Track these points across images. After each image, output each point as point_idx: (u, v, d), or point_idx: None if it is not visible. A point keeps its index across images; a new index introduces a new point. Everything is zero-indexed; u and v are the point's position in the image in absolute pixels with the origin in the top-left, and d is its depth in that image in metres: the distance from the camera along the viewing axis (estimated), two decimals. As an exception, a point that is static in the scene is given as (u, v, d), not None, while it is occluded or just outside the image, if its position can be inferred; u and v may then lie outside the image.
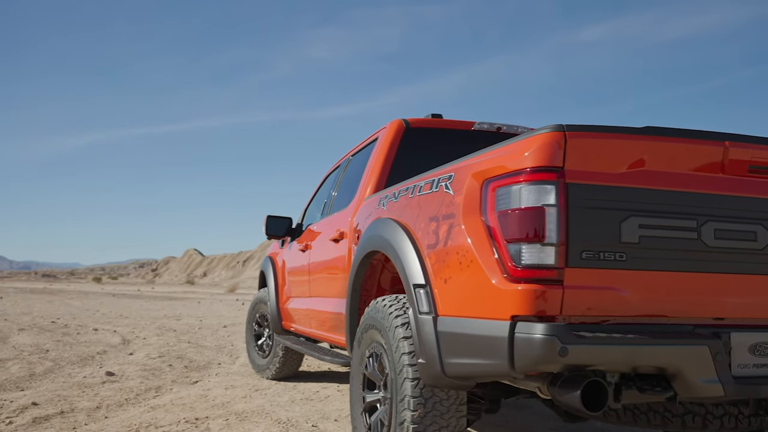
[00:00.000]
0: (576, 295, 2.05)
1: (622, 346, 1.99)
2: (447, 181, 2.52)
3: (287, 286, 5.45)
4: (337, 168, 5.05)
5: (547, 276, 2.04)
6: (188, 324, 12.71)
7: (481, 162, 2.35)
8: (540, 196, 2.05)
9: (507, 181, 2.15)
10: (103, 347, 8.19)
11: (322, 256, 4.35)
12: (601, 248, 2.07)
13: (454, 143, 3.94)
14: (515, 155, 2.15)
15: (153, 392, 5.32)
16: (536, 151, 2.08)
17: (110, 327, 11.48)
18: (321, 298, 4.35)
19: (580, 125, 2.10)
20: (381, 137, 3.94)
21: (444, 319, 2.41)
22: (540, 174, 2.06)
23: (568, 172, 2.07)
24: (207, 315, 16.24)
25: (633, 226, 2.09)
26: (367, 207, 3.50)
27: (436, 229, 2.52)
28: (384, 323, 2.81)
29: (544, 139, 2.08)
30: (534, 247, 2.04)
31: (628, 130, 2.15)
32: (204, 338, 9.86)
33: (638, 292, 2.11)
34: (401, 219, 2.89)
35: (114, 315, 15.25)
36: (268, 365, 5.94)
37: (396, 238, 2.79)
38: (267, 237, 5.43)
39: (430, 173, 2.76)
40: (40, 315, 14.29)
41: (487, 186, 2.25)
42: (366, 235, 3.22)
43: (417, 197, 2.79)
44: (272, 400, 5.02)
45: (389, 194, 3.18)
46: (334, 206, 4.50)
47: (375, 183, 3.74)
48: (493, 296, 2.14)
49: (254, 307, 6.36)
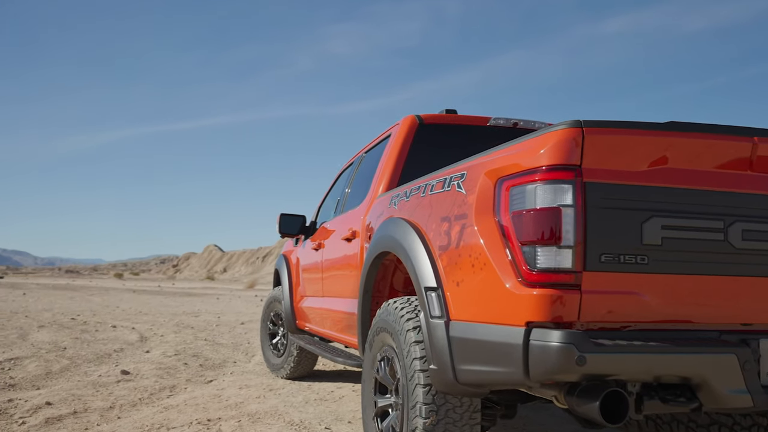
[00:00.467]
0: (595, 300, 1.94)
1: (643, 354, 1.89)
2: (459, 180, 2.43)
3: (301, 285, 5.39)
4: (350, 165, 4.97)
5: (564, 280, 1.93)
6: (206, 321, 12.74)
7: (494, 160, 2.25)
8: (556, 195, 1.95)
9: (521, 180, 2.05)
10: (120, 345, 8.21)
11: (334, 255, 4.27)
12: (622, 251, 1.96)
13: (469, 139, 3.84)
14: (530, 153, 2.05)
15: (167, 392, 5.29)
16: (552, 149, 1.97)
17: (129, 324, 11.54)
18: (334, 298, 4.27)
19: (598, 121, 1.99)
20: (394, 134, 3.85)
21: (456, 323, 2.31)
22: (556, 173, 1.96)
23: (585, 170, 1.96)
24: (225, 311, 16.29)
25: (655, 227, 1.97)
26: (379, 206, 3.41)
27: (448, 229, 2.43)
28: (395, 326, 2.72)
29: (561, 136, 1.97)
30: (550, 249, 1.94)
31: (649, 126, 2.03)
32: (221, 335, 9.86)
33: (661, 297, 2.00)
34: (413, 219, 2.80)
35: (133, 311, 15.35)
36: (282, 364, 5.89)
37: (407, 238, 2.70)
38: (280, 235, 5.37)
39: (442, 171, 2.66)
40: (60, 312, 14.42)
41: (500, 185, 2.15)
42: (377, 235, 3.13)
43: (429, 196, 2.69)
44: (286, 400, 4.97)
45: (401, 193, 3.09)
46: (347, 204, 4.42)
47: (387, 181, 3.65)
48: (507, 301, 2.04)
49: (269, 306, 6.31)
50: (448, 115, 3.90)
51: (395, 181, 3.63)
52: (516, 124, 3.96)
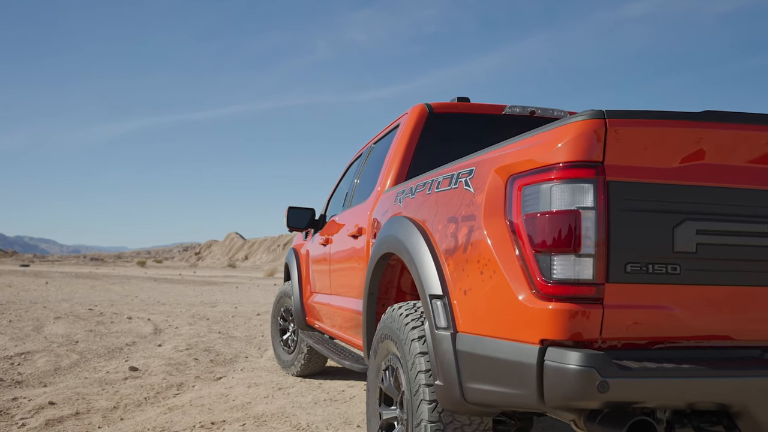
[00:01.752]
0: (619, 315, 1.71)
1: (675, 379, 1.65)
2: (467, 177, 2.19)
3: (310, 281, 5.20)
4: (360, 156, 4.74)
5: (584, 293, 1.70)
6: (222, 312, 12.67)
7: (505, 155, 2.01)
8: (575, 196, 1.71)
9: (535, 178, 1.81)
10: (133, 338, 8.12)
11: (341, 252, 4.07)
12: (650, 259, 1.72)
13: (483, 129, 3.59)
14: (545, 147, 1.81)
15: (174, 390, 5.15)
16: (571, 143, 1.73)
17: (145, 315, 11.49)
18: (341, 296, 4.07)
19: (623, 111, 1.75)
20: (402, 124, 3.61)
21: (464, 336, 2.09)
22: (575, 170, 1.72)
23: (608, 167, 1.72)
24: (242, 301, 16.23)
25: (689, 232, 1.73)
26: (385, 201, 3.19)
27: (455, 231, 2.20)
28: (399, 335, 2.51)
29: (581, 129, 1.73)
30: (568, 258, 1.71)
31: (681, 116, 1.78)
32: (235, 327, 9.75)
33: (695, 312, 1.76)
34: (418, 218, 2.57)
35: (151, 301, 15.35)
36: (293, 362, 5.72)
37: (411, 240, 2.48)
38: (288, 230, 5.18)
39: (449, 167, 2.43)
40: (79, 302, 14.46)
41: (512, 184, 1.92)
42: (381, 234, 2.91)
43: (435, 194, 2.46)
44: (294, 400, 4.80)
45: (406, 189, 2.86)
46: (355, 198, 4.21)
47: (395, 175, 3.42)
48: (519, 315, 1.82)
49: (279, 301, 6.14)
50: (460, 104, 3.65)
51: (403, 175, 3.40)
52: (533, 113, 3.70)
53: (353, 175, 4.67)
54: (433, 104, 3.58)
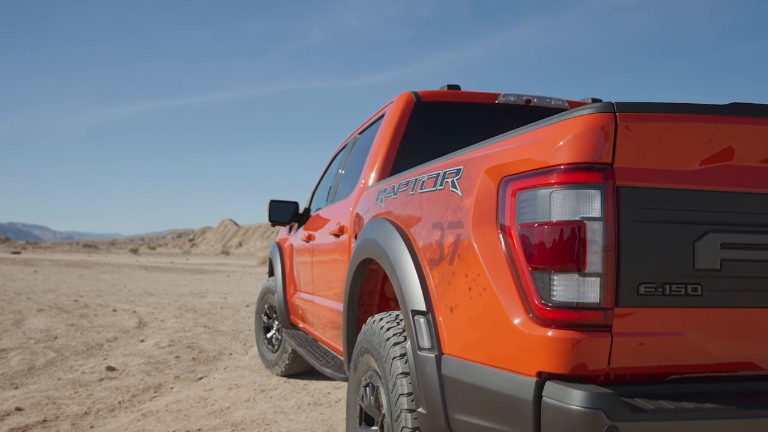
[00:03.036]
0: (630, 345, 1.46)
1: (698, 421, 1.39)
2: (454, 178, 1.92)
3: (294, 278, 4.94)
4: (344, 147, 4.46)
5: (589, 319, 1.44)
6: (211, 303, 12.41)
7: (497, 153, 1.74)
8: (579, 205, 1.45)
9: (532, 181, 1.55)
10: (115, 333, 7.87)
11: (323, 251, 3.80)
12: (667, 279, 1.46)
13: (475, 120, 3.32)
14: (544, 146, 1.54)
15: (151, 392, 4.90)
16: (574, 141, 1.47)
17: (131, 307, 11.23)
18: (323, 297, 3.81)
19: (637, 104, 1.48)
20: (387, 114, 3.33)
21: (450, 360, 1.83)
22: (579, 174, 1.45)
23: (619, 170, 1.46)
24: (233, 291, 15.99)
25: (712, 247, 1.47)
26: (368, 199, 2.92)
27: (441, 239, 1.93)
28: (380, 351, 2.26)
29: (586, 124, 1.46)
30: (570, 278, 1.45)
31: (705, 110, 1.52)
32: (223, 320, 9.51)
33: (719, 338, 1.51)
34: (400, 221, 2.30)
35: (140, 292, 15.09)
36: (277, 361, 5.48)
37: (392, 246, 2.21)
38: (271, 224, 4.90)
39: (434, 165, 2.16)
40: (65, 292, 14.18)
41: (505, 187, 1.65)
42: (361, 237, 2.65)
43: (418, 195, 2.19)
44: (277, 405, 4.55)
45: (388, 187, 2.59)
46: (338, 193, 3.94)
47: (379, 169, 3.14)
48: (513, 341, 1.56)
49: (263, 297, 5.89)
50: (449, 92, 3.36)
51: (387, 169, 3.13)
52: (529, 102, 3.43)
53: (337, 167, 4.40)
54: (420, 92, 3.30)
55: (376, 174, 3.14)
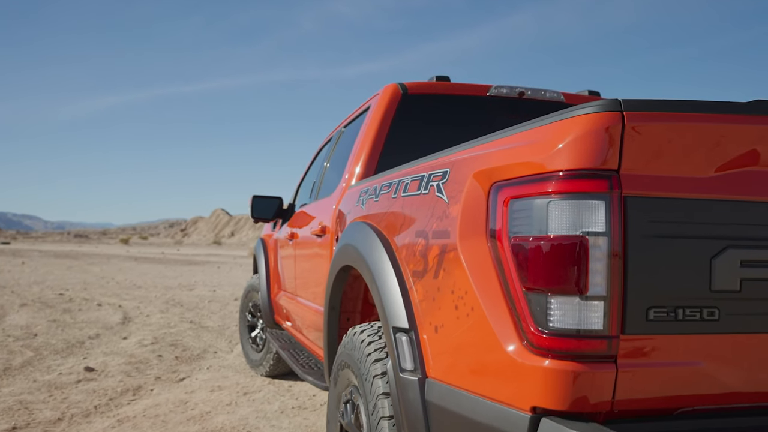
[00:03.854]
0: (637, 377, 1.28)
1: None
2: (440, 181, 1.73)
3: (278, 276, 4.75)
4: (329, 141, 4.26)
5: (592, 349, 1.26)
6: (199, 296, 12.21)
7: (487, 155, 1.54)
8: (580, 217, 1.26)
9: (527, 189, 1.36)
10: (98, 329, 7.67)
11: (305, 252, 3.61)
12: (680, 302, 1.28)
13: (465, 113, 3.13)
14: (541, 148, 1.35)
15: (130, 395, 4.71)
16: (575, 144, 1.28)
17: (117, 301, 11.02)
18: (306, 300, 3.63)
19: (646, 101, 1.29)
20: (372, 107, 3.13)
21: (435, 384, 1.65)
22: (581, 181, 1.26)
23: (626, 177, 1.27)
24: (222, 283, 15.78)
25: (731, 264, 1.29)
26: (350, 199, 2.72)
27: (425, 250, 1.74)
28: (360, 367, 2.07)
29: (589, 124, 1.27)
30: (570, 302, 1.27)
31: (724, 108, 1.33)
32: (210, 315, 9.31)
33: (738, 368, 1.33)
34: (382, 227, 2.11)
35: (127, 284, 14.86)
36: (261, 361, 5.30)
37: (373, 255, 2.02)
38: (254, 221, 4.70)
39: (418, 166, 1.96)
40: (51, 285, 13.95)
41: (496, 194, 1.46)
42: (341, 242, 2.45)
43: (401, 199, 2.00)
44: (259, 408, 4.37)
45: (370, 188, 2.39)
46: (322, 190, 3.74)
47: (363, 167, 2.95)
48: (505, 370, 1.38)
49: (247, 295, 5.70)
50: (438, 84, 3.16)
51: (372, 167, 2.93)
52: (522, 94, 3.23)
53: (322, 162, 4.20)
54: (407, 84, 3.10)
55: (359, 172, 2.95)
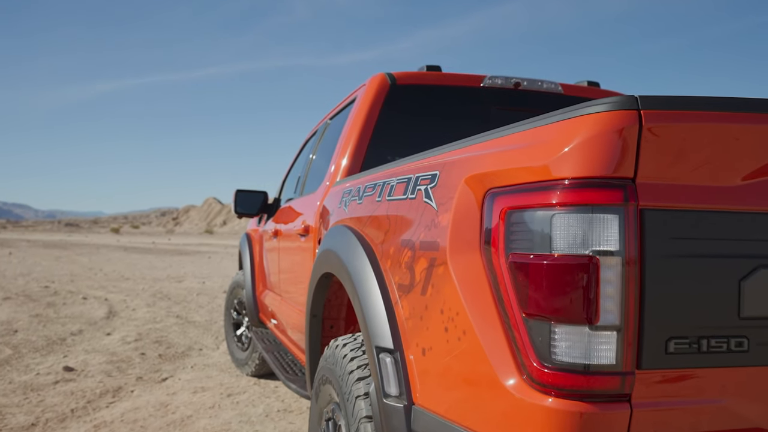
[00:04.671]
0: (655, 419, 1.10)
1: None
2: (428, 185, 1.54)
3: (264, 274, 4.56)
4: (314, 134, 4.06)
5: (602, 387, 1.09)
6: (187, 288, 12.01)
7: (480, 158, 1.36)
8: (590, 234, 1.08)
9: (527, 199, 1.18)
10: (81, 325, 7.47)
11: (288, 252, 3.42)
12: (705, 331, 1.11)
13: (458, 105, 2.94)
14: (543, 151, 1.17)
15: (109, 397, 4.53)
16: (584, 147, 1.09)
17: (103, 293, 10.81)
18: (290, 303, 3.45)
19: (667, 98, 1.11)
20: (359, 98, 2.93)
21: (422, 413, 1.47)
22: (591, 192, 1.08)
23: (643, 187, 1.09)
24: (212, 275, 15.57)
25: (763, 287, 1.12)
26: (333, 199, 2.53)
27: (412, 261, 1.56)
28: (342, 385, 1.89)
29: (601, 124, 1.09)
30: (578, 332, 1.09)
31: (755, 106, 1.15)
32: (197, 309, 9.12)
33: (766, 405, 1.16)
34: (365, 233, 1.92)
35: (115, 276, 14.64)
36: (247, 360, 5.12)
37: (355, 264, 1.84)
38: (237, 216, 4.51)
39: (404, 166, 1.78)
40: (37, 277, 13.71)
41: (491, 203, 1.27)
42: (322, 246, 2.26)
43: (386, 203, 1.81)
44: (243, 412, 4.20)
45: (353, 189, 2.20)
46: (306, 186, 3.55)
47: (348, 163, 2.75)
48: (501, 406, 1.20)
49: (232, 292, 5.51)
50: (429, 74, 2.96)
51: (358, 163, 2.74)
52: (518, 85, 3.04)
53: (307, 155, 4.00)
54: (396, 74, 2.90)
55: (344, 169, 2.76)
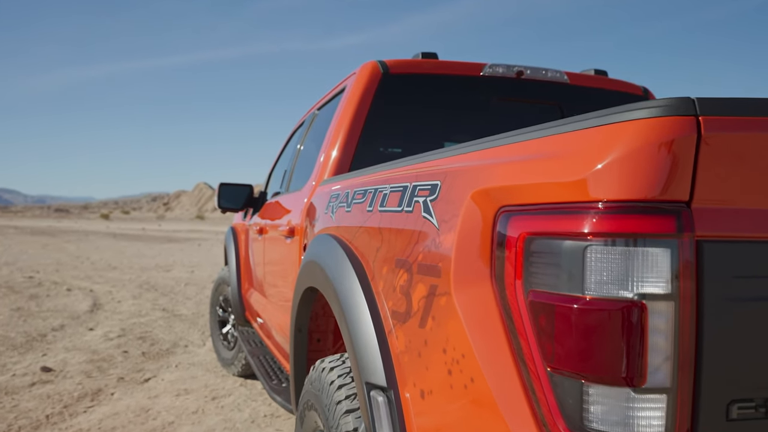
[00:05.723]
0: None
1: None
2: (427, 197, 1.31)
3: (249, 272, 4.33)
4: (302, 125, 3.81)
5: (648, 463, 0.87)
6: (175, 278, 11.77)
7: (491, 168, 1.12)
8: (634, 272, 0.86)
9: (552, 224, 0.95)
10: (63, 319, 7.23)
11: (273, 253, 3.19)
12: (775, 392, 0.89)
13: (456, 96, 2.70)
14: (573, 163, 0.93)
15: (87, 401, 4.31)
16: (627, 162, 0.86)
17: (88, 284, 10.56)
18: (274, 307, 3.22)
19: (730, 101, 0.88)
20: (348, 88, 2.69)
21: (420, 466, 1.26)
22: (635, 219, 0.86)
23: (701, 214, 0.86)
24: (201, 263, 15.33)
25: None
26: (320, 201, 2.29)
27: (408, 286, 1.33)
28: (328, 416, 1.68)
29: (648, 133, 0.86)
30: (618, 394, 0.87)
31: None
32: (185, 301, 8.90)
33: None
34: (354, 246, 1.69)
35: (102, 265, 14.38)
36: (233, 360, 4.91)
37: (342, 283, 1.61)
38: (221, 211, 4.27)
39: (399, 168, 1.54)
40: (22, 266, 13.43)
41: (505, 225, 1.04)
42: (307, 256, 2.03)
43: (378, 214, 1.57)
44: (228, 418, 3.99)
45: (341, 194, 1.97)
46: (293, 181, 3.31)
47: (337, 160, 2.51)
48: (517, 474, 0.99)
49: (217, 288, 5.29)
50: (424, 62, 2.71)
51: (347, 159, 2.50)
52: (520, 73, 2.80)
53: (294, 148, 3.76)
54: (388, 62, 2.65)
55: (332, 166, 2.52)
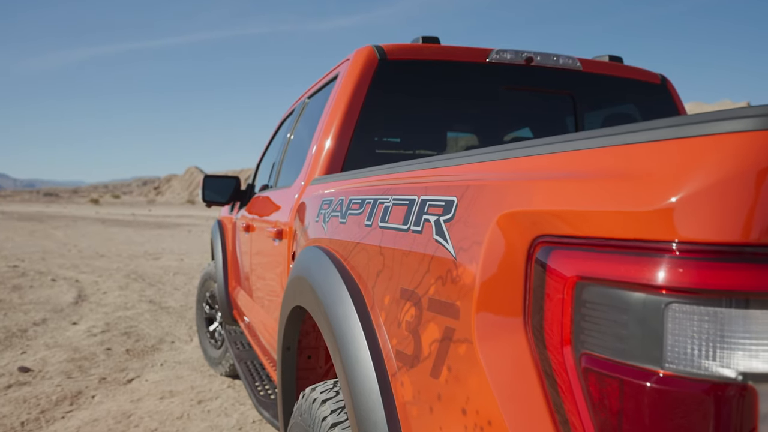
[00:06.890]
0: None
1: None
2: (440, 216, 1.07)
3: (236, 269, 4.10)
4: (291, 114, 3.55)
5: None
6: (164, 267, 11.51)
7: (524, 185, 0.89)
8: (738, 344, 0.64)
9: (617, 267, 0.71)
10: (45, 313, 6.98)
11: (261, 254, 2.96)
12: None
13: (461, 85, 2.46)
14: (644, 187, 0.70)
15: (66, 405, 4.09)
16: (722, 192, 0.64)
17: (74, 274, 10.30)
18: (262, 310, 2.99)
19: None
20: (342, 74, 2.44)
21: None
22: (737, 269, 0.63)
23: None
24: (191, 251, 15.07)
25: None
26: (311, 204, 2.04)
27: (417, 324, 1.10)
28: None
29: (751, 152, 0.63)
30: None
31: None
32: (173, 292, 8.66)
33: None
34: (349, 264, 1.45)
35: (89, 253, 14.10)
36: (221, 359, 4.70)
37: (336, 310, 1.37)
38: (206, 205, 4.03)
39: (404, 173, 1.30)
40: (7, 255, 13.14)
41: (544, 262, 0.81)
42: (295, 270, 1.79)
43: (379, 231, 1.32)
44: (214, 424, 3.78)
45: (334, 200, 1.72)
46: (281, 176, 3.07)
47: (328, 156, 2.27)
48: None
49: (203, 284, 5.06)
50: (425, 47, 2.46)
51: (341, 153, 2.26)
52: (530, 60, 2.56)
53: (283, 139, 3.51)
54: (386, 47, 2.40)
55: (323, 163, 2.27)
